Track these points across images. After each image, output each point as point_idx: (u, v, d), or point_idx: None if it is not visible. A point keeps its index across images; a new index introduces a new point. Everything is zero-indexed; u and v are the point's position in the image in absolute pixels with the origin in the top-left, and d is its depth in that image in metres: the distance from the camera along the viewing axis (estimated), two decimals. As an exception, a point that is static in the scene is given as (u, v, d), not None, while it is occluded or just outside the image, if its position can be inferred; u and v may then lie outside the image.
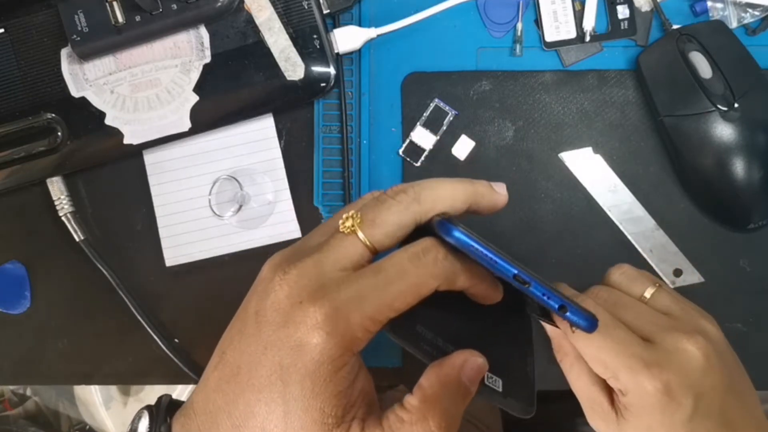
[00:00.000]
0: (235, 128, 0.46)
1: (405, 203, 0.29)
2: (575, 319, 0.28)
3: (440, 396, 0.28)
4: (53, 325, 0.47)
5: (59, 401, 0.90)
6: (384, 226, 0.28)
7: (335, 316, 0.26)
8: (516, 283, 0.28)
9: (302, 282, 0.27)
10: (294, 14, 0.44)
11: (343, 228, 0.28)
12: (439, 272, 0.28)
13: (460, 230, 0.27)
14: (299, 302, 0.27)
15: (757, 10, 0.45)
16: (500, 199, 0.32)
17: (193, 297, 0.46)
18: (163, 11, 0.42)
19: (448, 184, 0.30)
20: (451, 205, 0.30)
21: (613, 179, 0.45)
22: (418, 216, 0.29)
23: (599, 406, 0.36)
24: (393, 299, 0.27)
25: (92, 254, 0.45)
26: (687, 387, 0.32)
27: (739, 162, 0.42)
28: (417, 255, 0.28)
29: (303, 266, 0.27)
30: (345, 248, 0.28)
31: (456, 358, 0.29)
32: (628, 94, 0.45)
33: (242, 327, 0.28)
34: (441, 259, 0.28)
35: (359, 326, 0.27)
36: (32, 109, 0.44)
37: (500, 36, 0.46)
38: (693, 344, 0.33)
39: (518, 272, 0.28)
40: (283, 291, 0.27)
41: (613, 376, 0.34)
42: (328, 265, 0.28)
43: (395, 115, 0.46)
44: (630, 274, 0.38)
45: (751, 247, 0.45)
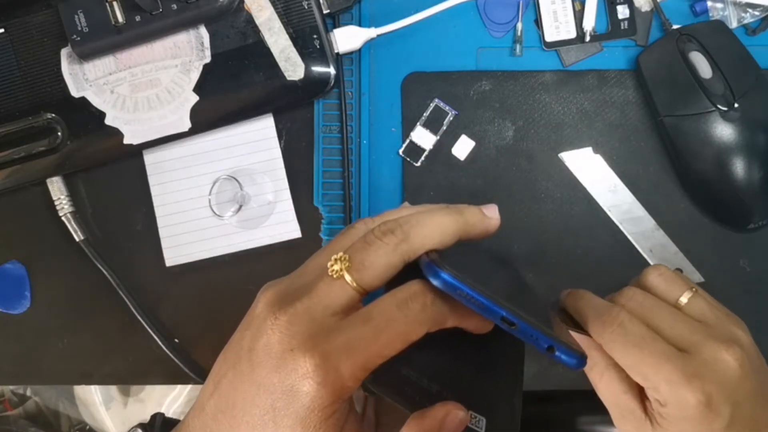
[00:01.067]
0: (235, 128, 0.46)
1: (393, 244, 0.29)
2: (564, 358, 0.28)
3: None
4: (53, 325, 0.47)
5: (59, 401, 0.90)
6: (373, 269, 0.28)
7: (325, 366, 0.27)
8: (503, 326, 0.28)
9: (293, 329, 0.28)
10: (294, 14, 0.44)
11: (331, 272, 0.29)
12: (428, 318, 0.28)
13: (447, 273, 0.27)
14: (290, 349, 0.27)
15: (757, 10, 0.45)
16: (492, 224, 0.32)
17: (193, 297, 0.46)
18: (163, 11, 0.42)
19: (437, 219, 0.30)
20: (440, 242, 0.30)
21: (613, 179, 0.45)
22: (407, 256, 0.29)
23: (631, 413, 0.36)
24: (382, 348, 0.27)
25: (92, 254, 0.45)
26: (725, 397, 0.33)
27: (739, 162, 0.42)
28: (405, 302, 0.28)
29: (294, 312, 0.28)
30: (334, 293, 0.28)
31: (438, 410, 0.29)
32: (628, 94, 0.45)
33: (236, 361, 0.29)
34: (429, 304, 0.28)
35: (349, 375, 0.27)
36: (32, 109, 0.44)
37: (500, 36, 0.46)
38: (730, 354, 0.33)
39: (505, 314, 0.27)
40: (275, 336, 0.28)
41: (653, 388, 0.34)
42: (318, 311, 0.28)
43: (395, 115, 0.46)
44: (667, 276, 0.38)
45: (751, 247, 0.45)
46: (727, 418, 0.33)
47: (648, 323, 0.35)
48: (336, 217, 0.46)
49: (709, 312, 0.36)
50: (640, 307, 0.36)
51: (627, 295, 0.37)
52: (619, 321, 0.35)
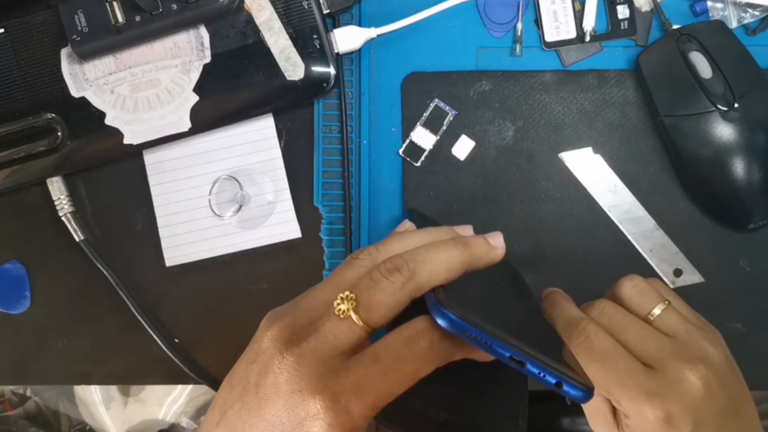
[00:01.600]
0: (235, 128, 0.46)
1: (400, 283, 0.29)
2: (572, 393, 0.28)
3: None
4: (53, 325, 0.47)
5: (59, 401, 0.90)
6: (380, 308, 0.28)
7: (335, 407, 0.27)
8: (513, 365, 0.27)
9: (301, 370, 0.27)
10: (294, 14, 0.44)
11: (338, 311, 0.28)
12: (436, 356, 0.28)
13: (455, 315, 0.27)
14: (299, 390, 0.27)
15: (757, 10, 0.45)
16: (498, 254, 0.32)
17: (193, 297, 0.46)
18: (163, 11, 0.42)
19: (444, 255, 0.30)
20: (447, 278, 0.30)
21: (613, 179, 0.45)
22: (414, 294, 0.29)
23: (602, 415, 0.36)
24: (391, 387, 0.27)
25: (92, 254, 0.45)
26: (687, 414, 0.33)
27: (739, 162, 0.42)
28: (413, 340, 0.28)
29: (301, 353, 0.28)
30: (342, 333, 0.28)
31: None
32: (628, 94, 0.45)
33: (243, 394, 0.29)
34: (437, 342, 0.28)
35: (359, 415, 0.27)
36: (32, 109, 0.44)
37: (500, 36, 0.46)
38: (694, 373, 0.34)
39: (513, 354, 0.27)
40: (282, 376, 0.28)
41: (617, 402, 0.34)
42: (326, 352, 0.28)
43: (395, 115, 0.46)
44: (641, 288, 0.38)
45: (751, 247, 0.45)
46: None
47: (616, 337, 0.35)
48: (336, 217, 0.46)
49: (680, 326, 0.36)
50: (609, 321, 0.36)
51: (598, 308, 0.37)
52: (586, 334, 0.35)
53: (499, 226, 0.45)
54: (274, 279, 0.46)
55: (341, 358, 0.28)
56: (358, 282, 0.29)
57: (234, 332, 0.31)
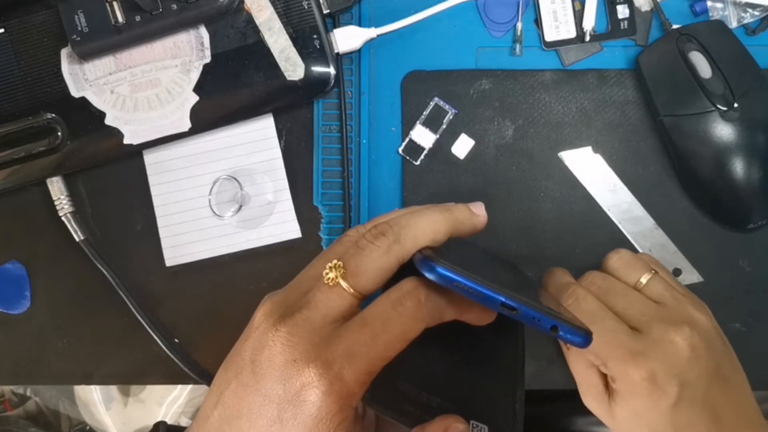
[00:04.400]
0: (235, 128, 0.46)
1: (385, 246, 0.29)
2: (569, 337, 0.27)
3: None
4: (53, 325, 0.47)
5: (59, 401, 0.90)
6: (367, 274, 0.29)
7: (329, 374, 0.27)
8: (505, 312, 0.27)
9: (294, 340, 0.28)
10: (294, 14, 0.44)
11: (327, 280, 0.29)
12: (424, 314, 0.28)
13: (442, 266, 0.27)
14: (293, 360, 0.27)
15: (757, 10, 0.45)
16: (480, 221, 0.33)
17: (193, 297, 0.46)
18: (163, 11, 0.42)
19: (427, 218, 0.30)
20: (432, 239, 0.30)
21: (612, 179, 0.45)
22: (401, 257, 0.29)
23: (594, 387, 0.37)
24: (383, 350, 0.28)
25: (92, 254, 0.45)
26: (672, 376, 0.34)
27: (738, 162, 0.42)
28: (400, 301, 0.28)
29: (293, 323, 0.28)
30: (332, 301, 0.29)
31: (438, 425, 0.29)
32: (627, 94, 0.45)
33: (239, 372, 0.29)
34: (424, 301, 0.28)
35: (354, 381, 0.27)
36: (32, 109, 0.44)
37: (500, 35, 0.46)
38: (679, 335, 0.34)
39: (505, 300, 0.27)
40: (276, 348, 0.28)
41: (603, 364, 0.35)
42: (317, 321, 0.28)
43: (395, 115, 0.46)
44: (627, 259, 0.39)
45: (750, 247, 0.45)
46: (674, 396, 0.34)
47: (604, 302, 0.36)
48: (336, 217, 0.46)
49: (666, 293, 0.37)
50: (597, 288, 0.38)
51: (587, 278, 0.39)
52: (575, 297, 0.36)
53: (498, 225, 0.45)
54: (274, 279, 0.46)
55: (333, 326, 0.28)
56: (345, 251, 0.30)
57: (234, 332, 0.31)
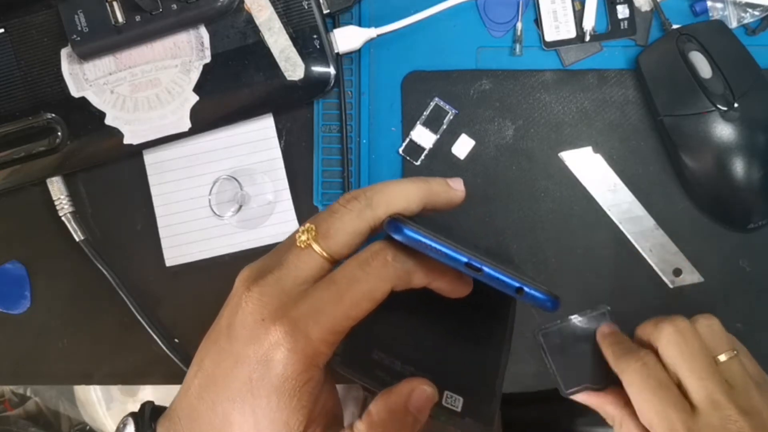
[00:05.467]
0: (235, 128, 0.46)
1: (357, 210, 0.29)
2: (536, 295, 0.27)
3: (386, 423, 0.28)
4: (53, 325, 0.47)
5: (59, 401, 0.90)
6: (338, 236, 0.29)
7: (294, 332, 0.27)
8: (469, 272, 0.27)
9: (264, 300, 0.28)
10: (294, 14, 0.44)
11: (299, 243, 0.29)
12: (390, 274, 0.28)
13: (408, 227, 0.27)
14: (262, 319, 0.28)
15: (757, 10, 0.45)
16: (456, 195, 0.32)
17: (193, 297, 0.46)
18: (163, 11, 0.42)
19: (401, 186, 0.30)
20: (405, 207, 0.30)
21: (612, 179, 0.45)
22: (372, 221, 0.29)
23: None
24: (348, 309, 0.28)
25: (92, 254, 0.45)
26: None
27: (738, 162, 0.42)
28: (366, 260, 0.28)
29: (265, 284, 0.29)
30: (303, 263, 0.29)
31: (404, 386, 0.29)
32: (628, 94, 0.45)
33: (217, 338, 0.30)
34: (390, 260, 0.28)
35: (319, 340, 0.27)
36: (32, 109, 0.44)
37: (500, 35, 0.46)
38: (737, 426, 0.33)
39: (468, 260, 0.27)
40: (248, 308, 0.28)
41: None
42: (288, 282, 0.28)
43: (395, 115, 0.46)
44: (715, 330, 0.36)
45: (750, 247, 0.45)
46: None
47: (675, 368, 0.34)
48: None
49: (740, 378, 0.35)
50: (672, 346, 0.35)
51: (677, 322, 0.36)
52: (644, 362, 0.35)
53: (498, 225, 0.45)
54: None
55: (303, 287, 0.28)
56: (318, 216, 0.30)
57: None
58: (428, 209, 0.31)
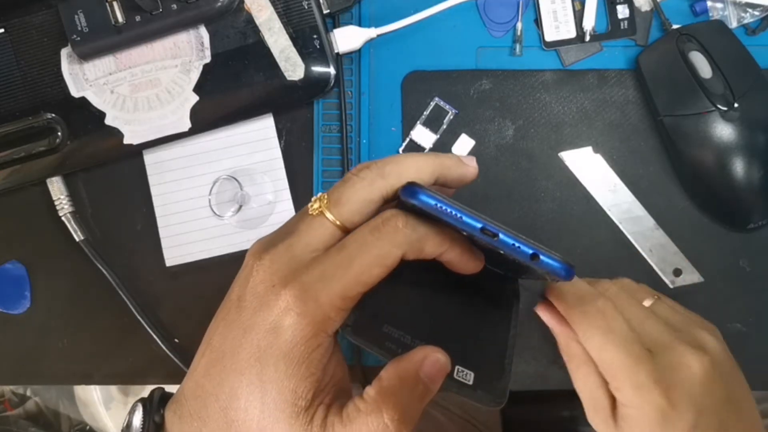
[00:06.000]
0: (235, 128, 0.46)
1: (369, 179, 0.29)
2: (551, 265, 0.27)
3: (397, 390, 0.28)
4: (53, 325, 0.47)
5: (59, 401, 0.90)
6: (350, 204, 0.29)
7: (304, 296, 0.27)
8: (484, 237, 0.27)
9: (275, 266, 0.28)
10: (294, 14, 0.44)
11: (311, 210, 0.29)
12: (402, 240, 0.28)
13: (423, 191, 0.27)
14: (272, 285, 0.28)
15: (757, 10, 0.45)
16: (469, 170, 0.32)
17: (193, 297, 0.46)
18: (163, 11, 0.42)
19: (413, 158, 0.30)
20: (416, 178, 0.30)
21: (613, 179, 0.45)
22: (384, 191, 0.29)
23: (602, 409, 0.36)
24: (358, 274, 0.27)
25: (92, 254, 0.45)
26: (688, 403, 0.33)
27: (739, 162, 0.42)
28: (377, 227, 0.28)
29: (275, 251, 0.28)
30: (315, 230, 0.29)
31: (416, 353, 0.28)
32: (628, 94, 0.45)
33: (226, 314, 0.29)
34: (401, 226, 0.28)
35: (329, 305, 0.27)
36: (32, 109, 0.44)
37: (500, 35, 0.46)
38: (696, 360, 0.34)
39: (484, 225, 0.27)
40: (259, 276, 0.28)
41: (616, 388, 0.34)
42: (298, 248, 0.28)
43: (395, 114, 0.46)
44: (631, 286, 0.38)
45: (750, 247, 0.45)
46: (689, 424, 0.33)
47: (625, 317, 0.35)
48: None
49: (674, 316, 0.36)
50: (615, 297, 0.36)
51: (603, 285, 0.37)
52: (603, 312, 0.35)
53: (499, 225, 0.45)
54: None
55: (315, 254, 0.28)
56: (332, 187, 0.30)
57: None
58: (440, 183, 0.31)
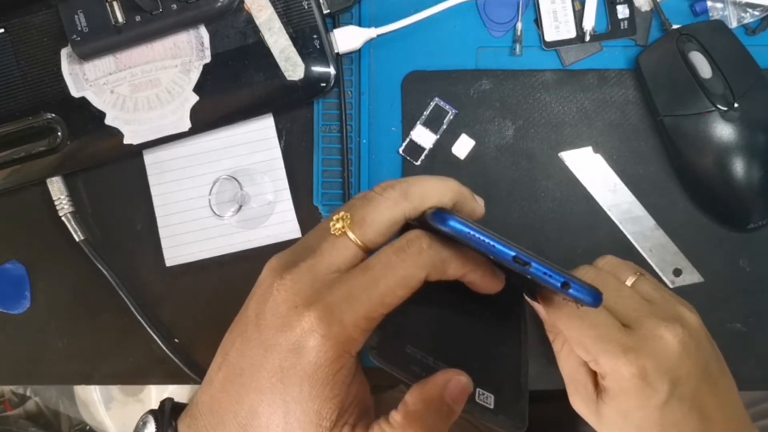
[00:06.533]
0: (235, 128, 0.46)
1: (393, 200, 0.29)
2: (580, 295, 0.27)
3: (423, 414, 0.28)
4: (53, 325, 0.47)
5: (59, 401, 0.90)
6: (374, 225, 0.29)
7: (329, 318, 0.27)
8: (516, 266, 0.27)
9: (297, 287, 0.28)
10: (294, 14, 0.44)
11: (333, 230, 0.29)
12: (426, 261, 0.28)
13: (455, 218, 0.27)
14: (295, 306, 0.27)
15: (757, 10, 0.45)
16: (479, 208, 0.33)
17: (193, 297, 0.46)
18: (163, 11, 0.42)
19: (436, 181, 0.31)
20: (439, 201, 0.30)
21: (613, 179, 0.45)
22: (407, 212, 0.29)
23: (583, 387, 0.37)
24: (383, 295, 0.27)
25: (92, 254, 0.45)
26: (662, 373, 0.33)
27: (739, 162, 0.42)
28: (402, 248, 0.28)
29: (298, 271, 0.28)
30: (337, 250, 0.28)
31: (440, 377, 0.29)
32: (628, 94, 0.45)
33: (243, 330, 0.29)
34: (426, 248, 0.28)
35: (353, 326, 0.27)
36: (32, 109, 0.44)
37: (500, 35, 0.46)
38: (670, 331, 0.34)
39: (517, 254, 0.27)
40: (280, 296, 0.28)
41: (593, 360, 0.34)
42: (321, 269, 0.28)
43: (395, 115, 0.46)
44: (613, 262, 0.39)
45: (750, 247, 0.45)
46: (664, 394, 0.33)
47: None
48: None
49: (654, 293, 0.37)
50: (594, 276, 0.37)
51: (579, 271, 0.38)
52: None
53: (498, 225, 0.45)
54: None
55: (337, 275, 0.28)
56: (353, 205, 0.30)
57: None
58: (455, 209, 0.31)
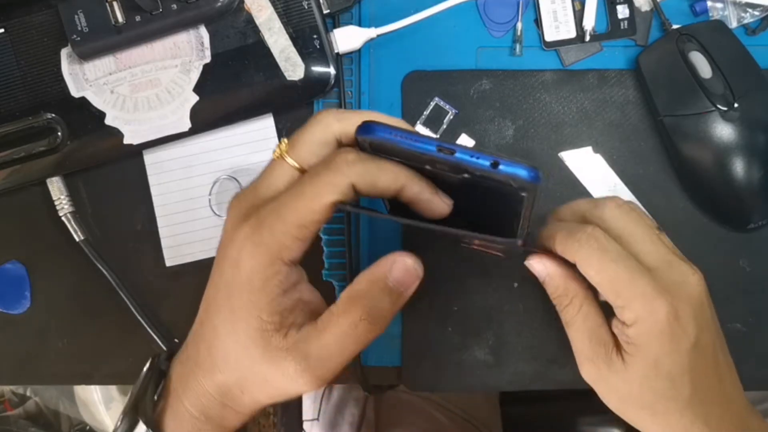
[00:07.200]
0: (235, 128, 0.46)
1: (325, 122, 0.32)
2: (512, 171, 0.28)
3: (366, 292, 0.30)
4: (53, 325, 0.47)
5: (59, 401, 0.90)
6: (306, 145, 0.32)
7: (260, 227, 0.29)
8: (442, 156, 0.28)
9: (240, 205, 0.31)
10: (294, 14, 0.44)
11: (274, 155, 0.32)
12: (352, 170, 0.30)
13: (379, 125, 0.29)
14: (237, 224, 0.31)
15: (757, 10, 0.45)
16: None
17: (193, 297, 0.46)
18: (163, 11, 0.42)
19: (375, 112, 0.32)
20: None
21: (613, 179, 0.45)
22: (337, 132, 0.31)
23: (603, 348, 0.35)
24: (309, 201, 0.29)
25: (92, 254, 0.45)
26: (692, 317, 0.33)
27: (739, 162, 0.42)
28: (327, 160, 0.30)
29: (242, 195, 0.32)
30: (275, 172, 0.32)
31: (386, 259, 0.31)
32: (628, 94, 0.45)
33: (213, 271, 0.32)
34: (351, 160, 0.30)
35: (285, 234, 0.29)
36: (32, 109, 0.44)
37: (500, 35, 0.46)
38: (696, 278, 0.34)
39: (440, 144, 0.28)
40: (229, 220, 0.32)
41: (624, 305, 0.33)
42: (261, 189, 0.31)
43: (395, 114, 0.46)
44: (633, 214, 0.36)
45: (751, 247, 0.45)
46: (693, 338, 0.33)
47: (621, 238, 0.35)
48: (335, 217, 0.46)
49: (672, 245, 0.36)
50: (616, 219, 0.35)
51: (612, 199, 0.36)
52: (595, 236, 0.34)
53: (499, 225, 0.45)
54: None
55: (276, 193, 0.31)
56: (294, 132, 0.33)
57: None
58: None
